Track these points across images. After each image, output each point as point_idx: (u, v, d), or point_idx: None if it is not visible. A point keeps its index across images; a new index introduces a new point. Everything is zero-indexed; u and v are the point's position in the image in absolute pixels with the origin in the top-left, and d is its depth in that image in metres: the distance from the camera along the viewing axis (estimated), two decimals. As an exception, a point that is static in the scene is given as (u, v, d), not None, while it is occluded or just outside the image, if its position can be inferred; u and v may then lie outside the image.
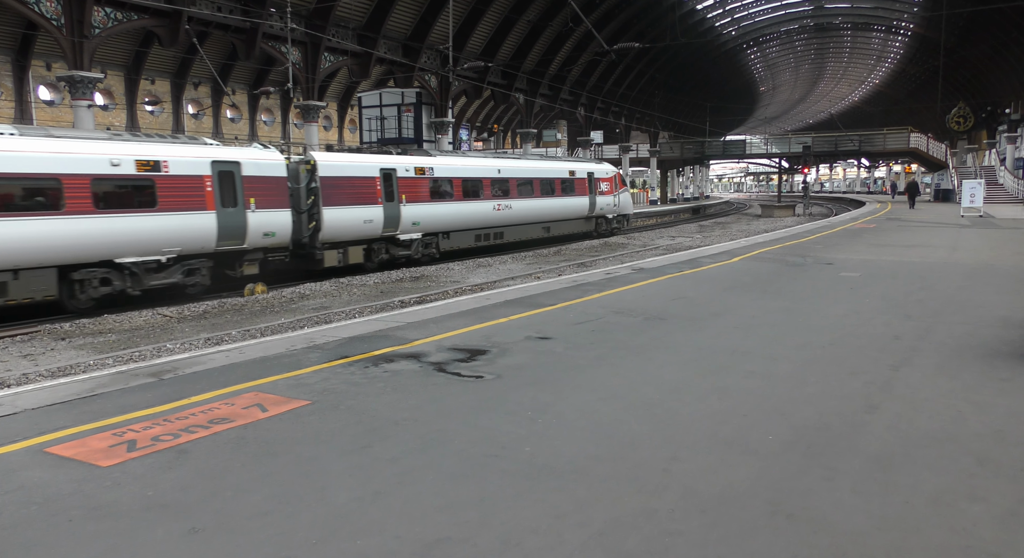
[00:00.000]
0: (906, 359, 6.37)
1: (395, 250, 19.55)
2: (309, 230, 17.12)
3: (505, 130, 68.11)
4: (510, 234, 24.22)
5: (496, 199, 23.21)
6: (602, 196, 29.56)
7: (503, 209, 23.45)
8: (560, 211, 26.99)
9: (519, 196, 24.41)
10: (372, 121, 34.02)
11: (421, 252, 20.30)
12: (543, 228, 26.07)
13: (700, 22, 55.44)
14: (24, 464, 4.17)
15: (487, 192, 22.81)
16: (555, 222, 26.80)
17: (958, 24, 46.88)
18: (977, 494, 3.62)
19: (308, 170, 17.17)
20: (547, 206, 26.14)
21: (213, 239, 14.72)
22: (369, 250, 18.73)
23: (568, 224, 27.76)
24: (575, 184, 27.81)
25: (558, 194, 26.71)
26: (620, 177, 31.54)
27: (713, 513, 3.45)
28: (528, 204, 25.01)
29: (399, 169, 19.44)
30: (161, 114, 40.18)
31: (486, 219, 22.85)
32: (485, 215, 22.77)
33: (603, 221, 30.26)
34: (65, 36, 20.99)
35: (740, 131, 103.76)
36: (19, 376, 8.66)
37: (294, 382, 5.85)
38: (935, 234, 20.67)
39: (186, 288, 14.56)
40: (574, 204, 27.85)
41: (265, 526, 3.37)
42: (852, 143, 57.42)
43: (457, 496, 3.67)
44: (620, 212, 31.53)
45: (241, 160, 15.29)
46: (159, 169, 13.77)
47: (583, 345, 7.06)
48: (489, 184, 22.87)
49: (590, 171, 29.08)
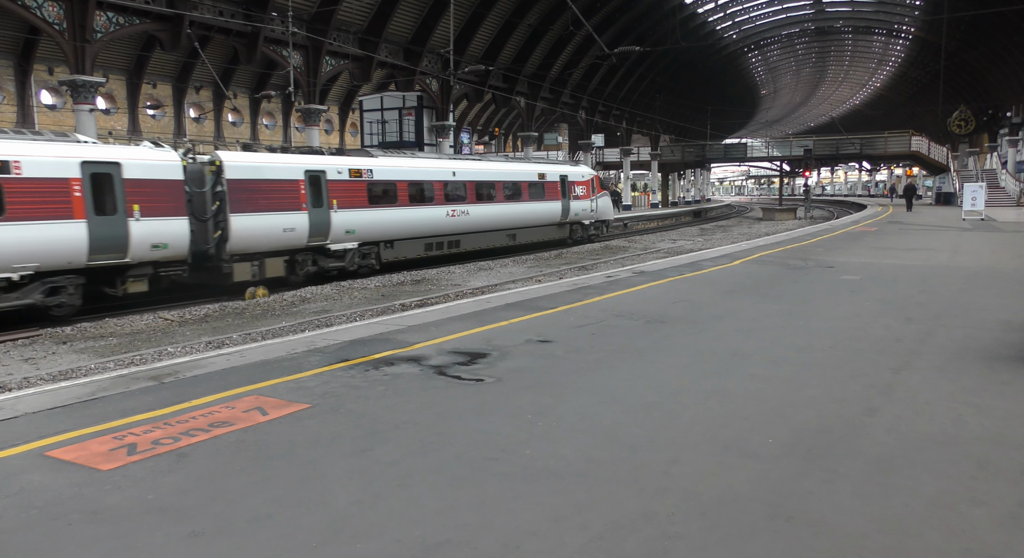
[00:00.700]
0: (907, 362, 6.37)
1: (325, 261, 17.43)
2: (214, 240, 15.00)
3: (506, 133, 68.19)
4: (468, 242, 22.15)
5: (450, 204, 21.17)
6: (577, 201, 27.54)
7: (459, 215, 21.38)
8: (527, 217, 24.90)
9: (478, 201, 22.34)
10: (373, 125, 34.11)
11: (357, 263, 18.23)
12: (507, 236, 23.99)
13: (701, 26, 55.54)
14: (24, 468, 4.17)
15: (439, 196, 20.77)
16: (521, 229, 24.73)
17: (959, 27, 46.91)
18: (977, 497, 3.61)
19: (213, 172, 15.08)
20: (512, 212, 24.06)
21: (83, 252, 12.77)
22: (292, 262, 16.65)
23: (537, 231, 25.72)
24: (545, 188, 25.80)
25: (525, 199, 24.61)
26: (598, 180, 29.55)
27: (713, 516, 3.44)
28: (489, 209, 22.92)
29: (329, 171, 17.36)
30: (163, 118, 40.28)
31: (438, 226, 20.76)
32: (437, 222, 20.67)
33: (578, 228, 28.27)
34: (67, 40, 21.06)
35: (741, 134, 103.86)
36: (20, 380, 8.67)
37: (295, 385, 5.86)
38: (936, 237, 20.66)
39: (49, 310, 12.69)
40: (544, 209, 25.76)
41: (265, 529, 3.38)
42: (853, 146, 57.42)
43: (457, 499, 3.67)
44: (598, 218, 29.43)
45: (122, 161, 13.40)
46: (7, 170, 11.88)
47: (584, 348, 7.07)
48: (442, 188, 20.86)
49: (563, 174, 27.10)
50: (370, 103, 34.77)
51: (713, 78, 70.29)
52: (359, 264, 18.31)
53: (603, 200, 29.44)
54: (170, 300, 14.86)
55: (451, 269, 19.99)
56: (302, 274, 16.83)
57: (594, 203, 28.69)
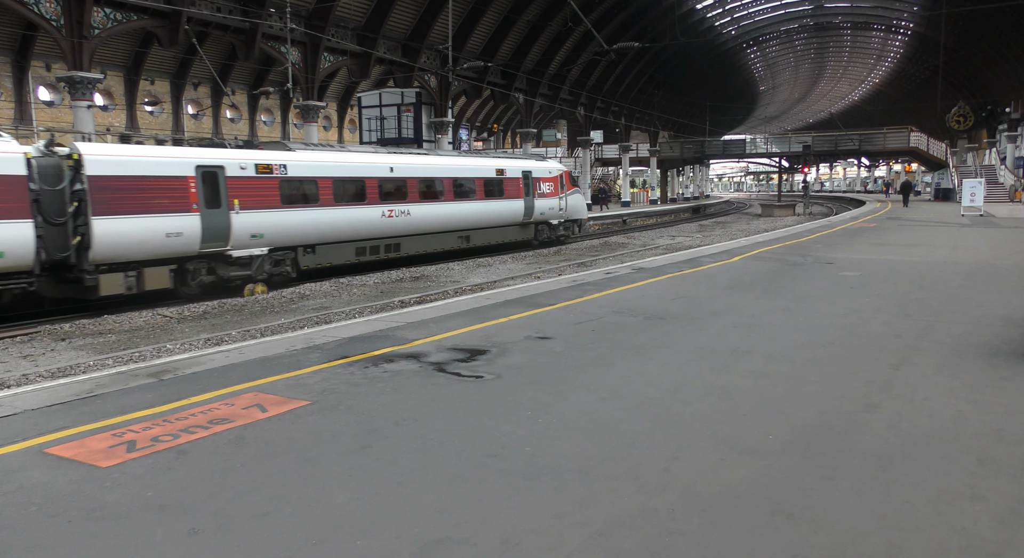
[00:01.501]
0: (906, 358, 6.37)
1: (226, 270, 15.27)
2: (73, 247, 12.83)
3: (505, 130, 68.16)
4: (410, 246, 20.00)
5: (387, 203, 18.95)
6: (543, 199, 25.46)
7: (398, 216, 19.20)
8: (483, 217, 22.73)
9: (422, 200, 20.18)
10: (372, 121, 34.09)
11: (268, 271, 16.16)
12: (459, 238, 21.89)
13: (700, 21, 55.48)
14: (24, 465, 4.17)
15: (373, 195, 18.58)
16: (476, 230, 22.56)
17: (958, 23, 46.89)
18: (977, 493, 3.61)
19: (72, 167, 12.92)
20: (464, 211, 21.87)
21: None
22: (182, 271, 14.54)
23: (495, 232, 23.56)
24: (505, 185, 23.64)
25: (479, 197, 22.50)
26: (568, 176, 27.32)
27: (713, 513, 3.44)
28: (435, 209, 20.74)
29: (229, 166, 15.13)
30: (161, 115, 40.20)
31: (372, 228, 18.62)
32: (370, 223, 18.52)
33: (545, 228, 26.13)
34: (65, 37, 21.00)
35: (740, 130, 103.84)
36: (19, 377, 8.66)
37: (294, 382, 5.85)
38: (935, 233, 20.67)
39: None
40: (503, 208, 23.59)
41: (265, 526, 3.37)
42: (852, 142, 57.43)
43: (457, 496, 3.67)
44: (569, 217, 27.28)
45: None
46: None
47: (583, 345, 7.06)
48: (376, 185, 18.68)
49: (526, 170, 24.89)
50: (368, 99, 34.75)
51: (712, 74, 70.26)
52: (270, 272, 16.22)
53: (574, 198, 27.47)
54: (170, 298, 14.85)
55: (450, 266, 19.98)
56: (195, 285, 14.77)
57: (563, 201, 26.64)
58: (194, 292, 14.79)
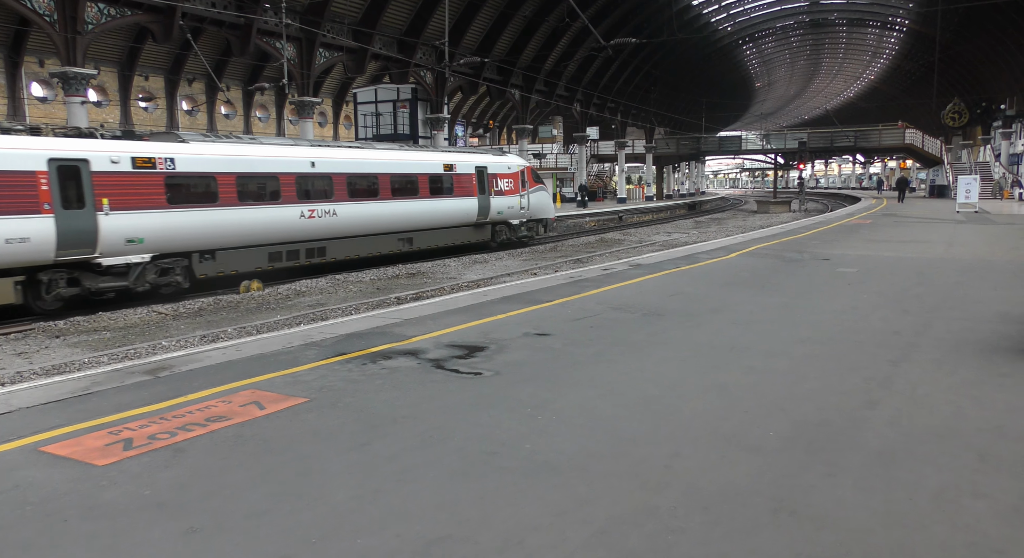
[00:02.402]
0: (905, 354, 6.36)
1: (95, 281, 13.31)
2: None
3: (501, 126, 68.06)
4: (338, 249, 18.01)
5: (307, 202, 16.99)
6: (500, 197, 23.40)
7: (321, 216, 17.23)
8: (428, 217, 20.64)
9: (352, 198, 18.16)
10: (367, 117, 34.04)
11: (151, 281, 14.10)
12: (400, 240, 19.79)
13: (696, 18, 55.45)
14: (19, 463, 4.13)
15: (289, 193, 16.56)
16: (421, 232, 20.46)
17: (953, 20, 46.94)
18: (980, 490, 3.60)
19: None
20: (405, 211, 19.78)
21: None
22: (34, 283, 12.57)
23: (444, 233, 21.45)
24: (454, 181, 21.61)
25: (424, 195, 20.42)
26: (531, 172, 25.23)
27: (716, 510, 3.42)
28: (369, 209, 18.67)
29: (96, 160, 13.09)
30: (155, 111, 40.04)
31: (289, 231, 16.59)
32: (286, 225, 16.49)
33: (504, 228, 24.07)
34: (58, 32, 20.87)
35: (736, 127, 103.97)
36: (13, 374, 8.60)
37: (291, 379, 5.81)
38: (931, 230, 20.70)
39: None
40: (453, 207, 21.57)
41: (264, 525, 3.34)
42: (848, 139, 57.51)
43: (457, 494, 3.64)
44: (533, 216, 25.18)
45: None
46: None
47: (582, 341, 7.04)
48: (293, 182, 16.65)
49: (480, 165, 22.81)
50: (364, 96, 34.69)
51: (708, 71, 70.26)
52: (154, 282, 14.18)
53: (538, 196, 25.43)
54: (165, 295, 14.78)
55: (446, 262, 19.93)
56: (52, 299, 12.79)
57: (525, 199, 24.50)
58: (53, 307, 12.84)
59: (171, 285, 14.57)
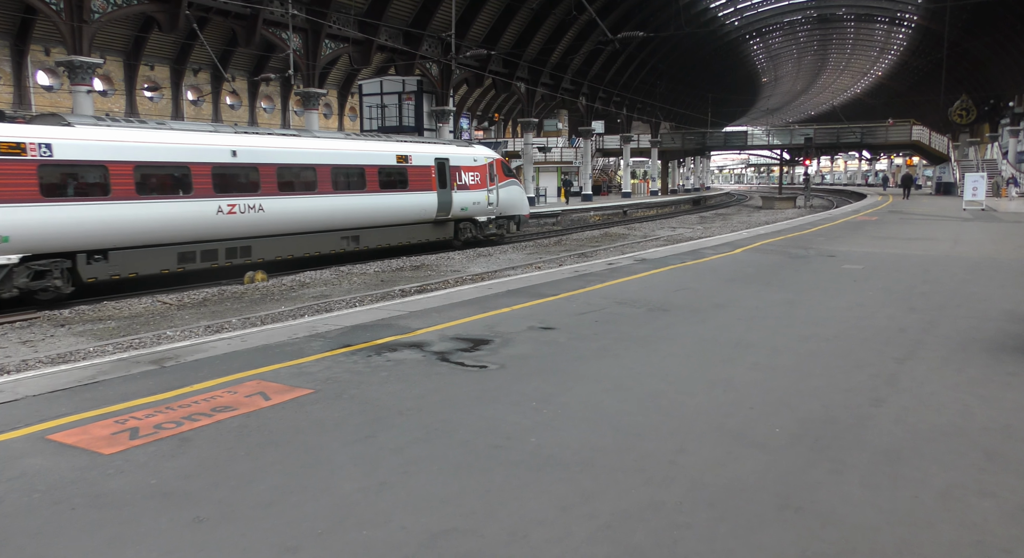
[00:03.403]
0: (911, 352, 6.34)
1: None
2: None
3: (506, 119, 67.95)
4: (266, 249, 16.12)
5: (226, 196, 15.05)
6: (465, 191, 21.59)
7: (244, 212, 15.37)
8: (378, 213, 18.82)
9: (283, 192, 16.30)
10: (373, 109, 33.95)
11: (21, 285, 12.41)
12: (344, 239, 18.03)
13: (703, 12, 55.20)
14: (26, 451, 4.14)
15: (204, 185, 14.64)
16: (368, 229, 18.62)
17: (962, 16, 46.66)
18: (986, 489, 3.59)
19: None
20: (349, 206, 17.96)
21: None
22: None
23: (397, 231, 19.63)
24: (409, 174, 19.72)
25: (372, 188, 18.57)
26: (501, 165, 23.37)
27: (721, 506, 3.42)
28: (305, 204, 16.81)
29: None
30: (160, 100, 40.02)
31: (203, 228, 14.73)
32: (199, 222, 14.62)
33: (469, 226, 22.35)
34: (64, 21, 20.84)
35: (742, 122, 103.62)
36: (19, 363, 8.63)
37: (297, 370, 5.82)
38: (937, 227, 20.63)
39: None
40: (408, 203, 19.70)
41: (270, 516, 3.35)
42: (854, 135, 57.27)
43: (463, 487, 3.64)
44: (503, 213, 23.51)
45: None
46: None
47: (587, 336, 7.03)
48: (208, 173, 14.75)
49: (441, 157, 20.93)
50: (369, 87, 34.59)
51: (714, 65, 70.01)
52: (25, 287, 12.47)
53: (508, 190, 23.64)
54: (167, 283, 14.80)
55: (450, 255, 19.92)
56: None
57: (493, 194, 22.75)
58: None
59: (48, 290, 12.82)
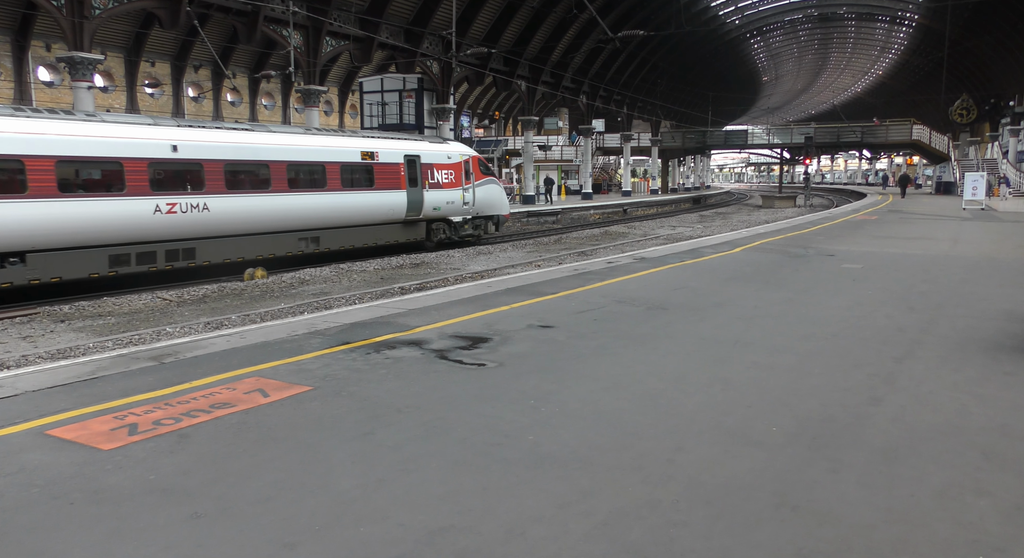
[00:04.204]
0: (909, 351, 6.35)
1: None
2: None
3: (507, 117, 67.92)
4: (213, 251, 14.99)
5: (164, 194, 13.93)
6: (438, 190, 20.42)
7: (186, 211, 14.24)
8: (340, 213, 17.65)
9: (231, 190, 15.17)
10: (373, 107, 33.94)
11: None
12: (302, 240, 16.87)
13: (704, 10, 55.16)
14: (25, 446, 4.15)
15: (138, 183, 13.49)
16: (329, 230, 17.50)
17: (963, 15, 46.64)
18: (983, 488, 3.60)
19: None
20: (306, 206, 16.79)
21: None
22: None
23: (361, 232, 18.39)
24: (375, 172, 18.52)
25: (333, 187, 17.40)
26: (478, 162, 22.22)
27: (718, 504, 3.43)
28: (255, 203, 15.65)
29: None
30: (161, 97, 40.00)
31: (137, 229, 13.58)
32: (133, 222, 13.45)
33: (443, 226, 21.13)
34: (65, 16, 20.83)
35: (742, 121, 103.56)
36: (19, 358, 8.64)
37: (295, 368, 5.83)
38: (937, 227, 20.63)
39: None
40: (374, 202, 18.48)
41: (268, 512, 3.36)
42: (854, 134, 57.26)
43: (460, 484, 3.65)
44: (480, 213, 22.37)
45: None
46: None
47: (586, 334, 7.04)
48: (144, 170, 13.58)
49: (411, 153, 19.71)
50: (370, 85, 34.58)
51: (715, 64, 69.95)
52: None
53: (486, 189, 22.46)
54: (167, 280, 14.81)
55: (450, 253, 19.92)
56: None
57: (469, 193, 21.62)
58: None
59: None
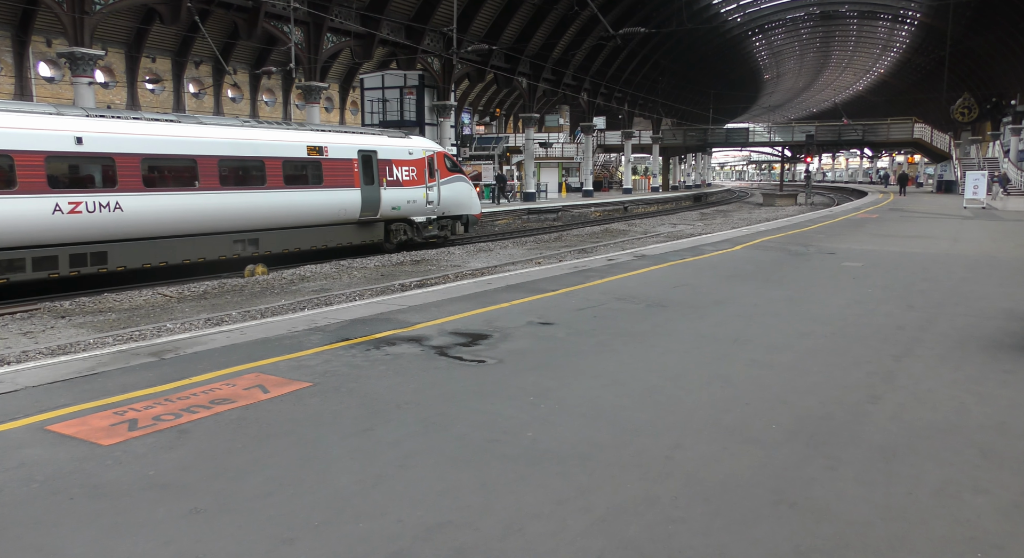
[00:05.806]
0: (909, 350, 6.36)
1: None
2: None
3: (508, 114, 67.83)
4: (126, 255, 13.54)
5: (65, 192, 12.52)
6: (398, 188, 18.71)
7: (94, 211, 12.81)
8: (283, 213, 16.08)
9: (150, 188, 13.67)
10: (374, 103, 33.94)
11: None
12: (237, 242, 15.38)
13: (706, 8, 55.06)
14: (25, 441, 4.16)
15: (33, 180, 12.14)
16: (269, 232, 15.92)
17: (965, 14, 46.60)
18: (981, 486, 3.61)
19: None
20: (242, 205, 15.22)
21: None
22: None
23: (307, 234, 16.81)
24: (324, 168, 16.93)
25: (274, 184, 15.80)
26: (444, 158, 20.41)
27: (716, 501, 3.44)
28: (179, 202, 14.15)
29: None
30: (162, 93, 39.98)
31: (32, 231, 12.24)
32: (26, 223, 12.11)
33: (404, 227, 19.42)
34: (66, 12, 20.81)
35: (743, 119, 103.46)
36: (19, 353, 8.64)
37: (295, 364, 5.84)
38: (938, 225, 20.63)
39: None
40: (322, 201, 16.88)
41: (267, 507, 3.36)
42: (856, 133, 57.20)
43: (459, 480, 3.66)
44: (447, 212, 20.56)
45: None
46: None
47: (585, 331, 7.05)
48: (41, 165, 12.23)
49: (367, 149, 18.02)
50: (371, 81, 34.56)
51: (717, 62, 69.85)
52: None
53: (453, 187, 20.65)
54: (168, 276, 14.81)
55: (450, 250, 19.92)
56: None
57: (433, 192, 19.85)
58: None
59: None
